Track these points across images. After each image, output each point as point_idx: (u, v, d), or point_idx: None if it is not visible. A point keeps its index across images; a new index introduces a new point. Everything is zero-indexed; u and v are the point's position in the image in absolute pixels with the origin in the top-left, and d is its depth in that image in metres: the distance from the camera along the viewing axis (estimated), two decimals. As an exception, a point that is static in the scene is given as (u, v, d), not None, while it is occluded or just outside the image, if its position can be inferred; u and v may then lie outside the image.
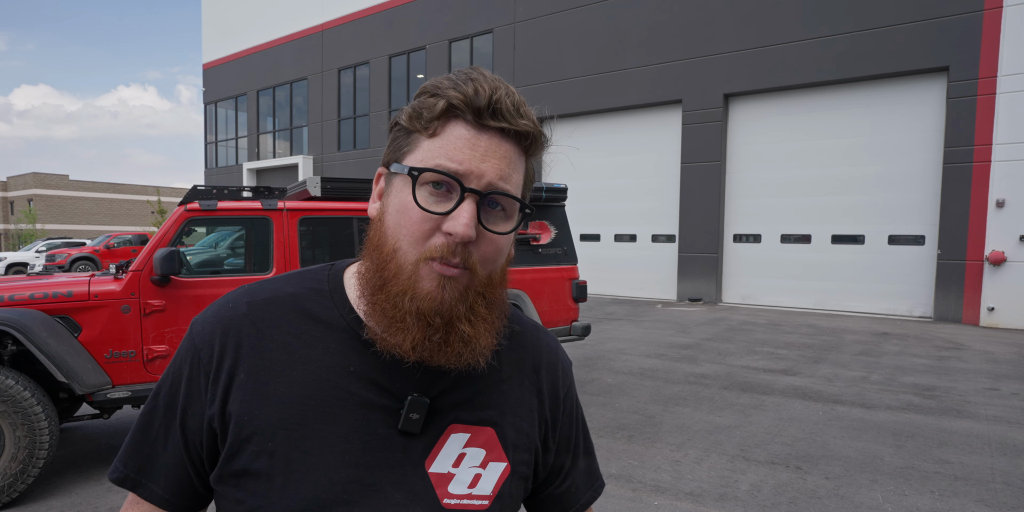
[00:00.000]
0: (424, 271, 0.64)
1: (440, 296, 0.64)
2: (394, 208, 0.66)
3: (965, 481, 3.51)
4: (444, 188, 0.64)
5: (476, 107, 0.64)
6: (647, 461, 3.82)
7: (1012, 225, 9.40)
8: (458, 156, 0.64)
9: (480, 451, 0.72)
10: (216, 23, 24.58)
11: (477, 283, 0.66)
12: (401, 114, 0.69)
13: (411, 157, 0.66)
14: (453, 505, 0.69)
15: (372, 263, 0.68)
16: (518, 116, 0.65)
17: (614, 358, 6.91)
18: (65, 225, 46.05)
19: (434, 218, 0.64)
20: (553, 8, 14.51)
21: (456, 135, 0.64)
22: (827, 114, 11.24)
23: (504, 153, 0.66)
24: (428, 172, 0.63)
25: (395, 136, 0.70)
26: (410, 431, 0.68)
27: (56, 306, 3.49)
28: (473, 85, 0.64)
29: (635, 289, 13.83)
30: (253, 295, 0.72)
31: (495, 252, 0.67)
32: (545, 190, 4.99)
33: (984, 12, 9.52)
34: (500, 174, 0.65)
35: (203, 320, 0.72)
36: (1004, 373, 6.21)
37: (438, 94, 0.65)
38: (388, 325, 0.65)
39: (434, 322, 0.64)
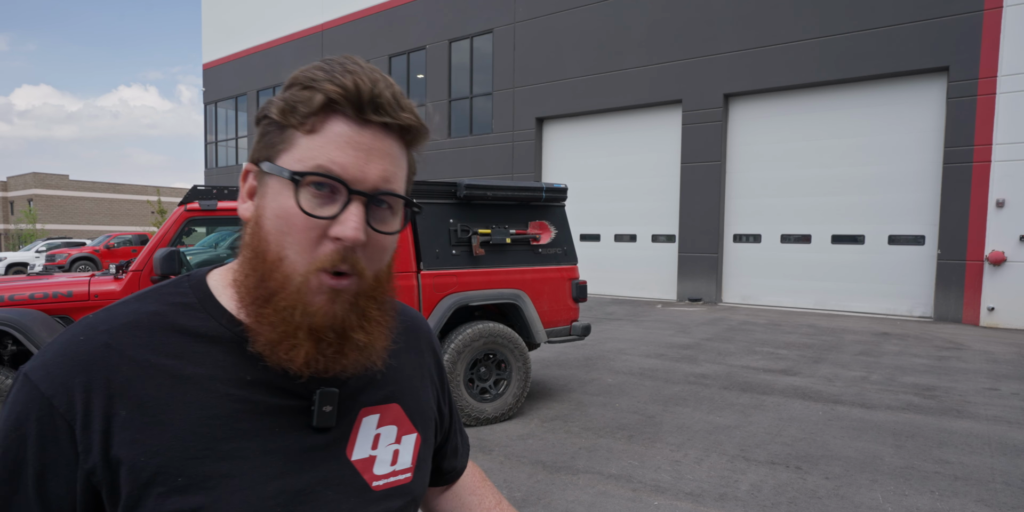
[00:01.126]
0: (314, 284, 0.60)
1: (332, 310, 0.61)
2: (274, 213, 0.61)
3: (965, 481, 3.51)
4: (327, 189, 0.60)
5: (357, 102, 0.60)
6: (647, 461, 3.82)
7: (1012, 225, 9.40)
8: (341, 157, 0.60)
9: (392, 427, 0.73)
10: (216, 23, 24.58)
11: (366, 287, 0.63)
12: (271, 107, 0.63)
13: (287, 156, 0.61)
14: (382, 486, 0.70)
15: (253, 270, 0.62)
16: (399, 109, 0.62)
17: (614, 358, 6.91)
18: (65, 225, 46.05)
19: (320, 224, 0.60)
20: (553, 8, 14.51)
21: (336, 133, 0.60)
22: (827, 114, 11.25)
23: (388, 150, 0.62)
24: (312, 176, 0.59)
25: (265, 130, 0.64)
26: (326, 425, 0.66)
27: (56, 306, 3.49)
28: (352, 78, 0.60)
29: (635, 289, 13.83)
30: (108, 322, 0.62)
31: (381, 252, 0.65)
32: (545, 190, 5.00)
33: (984, 12, 9.53)
34: (385, 173, 0.62)
35: (46, 363, 0.59)
36: (1004, 373, 6.21)
37: (313, 87, 0.60)
38: (278, 340, 0.61)
39: (327, 336, 0.61)
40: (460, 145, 16.54)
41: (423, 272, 4.44)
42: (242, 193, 0.66)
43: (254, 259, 0.62)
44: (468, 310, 4.81)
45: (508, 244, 4.85)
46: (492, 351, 4.59)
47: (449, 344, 4.40)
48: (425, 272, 4.44)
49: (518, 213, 4.96)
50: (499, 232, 4.80)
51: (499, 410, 4.58)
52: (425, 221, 4.53)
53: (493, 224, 4.82)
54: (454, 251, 4.60)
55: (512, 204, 4.93)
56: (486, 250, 4.74)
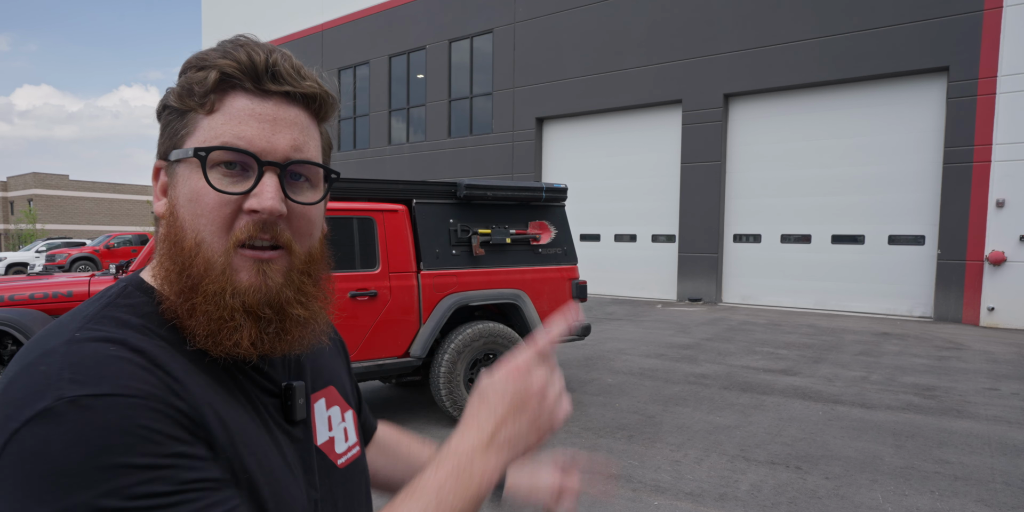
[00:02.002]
0: (237, 262, 0.58)
1: (263, 285, 0.59)
2: (186, 197, 0.59)
3: (965, 481, 3.51)
4: (238, 167, 0.58)
5: (253, 73, 0.58)
6: (647, 461, 3.82)
7: (1012, 225, 9.40)
8: (246, 130, 0.58)
9: (336, 408, 0.76)
10: (216, 23, 24.59)
11: (298, 262, 0.61)
12: (169, 95, 0.61)
13: (191, 140, 0.59)
14: (345, 462, 0.73)
15: (173, 263, 0.59)
16: (300, 78, 0.60)
17: (614, 358, 6.91)
18: (65, 225, 46.06)
19: (234, 199, 0.58)
20: (553, 8, 14.51)
21: (238, 107, 0.58)
22: (827, 114, 11.24)
23: (294, 119, 0.60)
24: (217, 150, 0.57)
25: (167, 121, 0.61)
26: (302, 418, 0.66)
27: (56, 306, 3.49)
28: (245, 50, 0.59)
29: (635, 289, 13.83)
30: (112, 333, 0.54)
31: (308, 225, 0.63)
32: (545, 190, 5.00)
33: (984, 12, 9.52)
34: (295, 143, 0.60)
35: (100, 375, 0.49)
36: (1004, 373, 6.21)
37: (206, 66, 0.58)
38: (217, 328, 0.57)
39: (264, 313, 0.59)
40: (460, 145, 16.54)
41: (423, 272, 4.44)
42: (155, 192, 0.64)
43: (172, 250, 0.59)
44: (468, 310, 4.81)
45: (508, 244, 4.84)
46: (492, 351, 4.59)
47: (449, 344, 4.40)
48: (425, 272, 4.44)
49: (518, 213, 4.96)
50: (499, 232, 4.79)
51: (499, 410, 4.57)
52: (425, 221, 4.53)
53: (493, 224, 4.82)
54: (454, 251, 4.60)
55: (512, 204, 4.93)
56: (486, 250, 4.74)
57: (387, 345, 4.30)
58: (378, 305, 4.23)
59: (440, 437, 4.27)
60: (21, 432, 0.46)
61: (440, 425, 4.53)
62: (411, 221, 4.51)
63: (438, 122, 17.06)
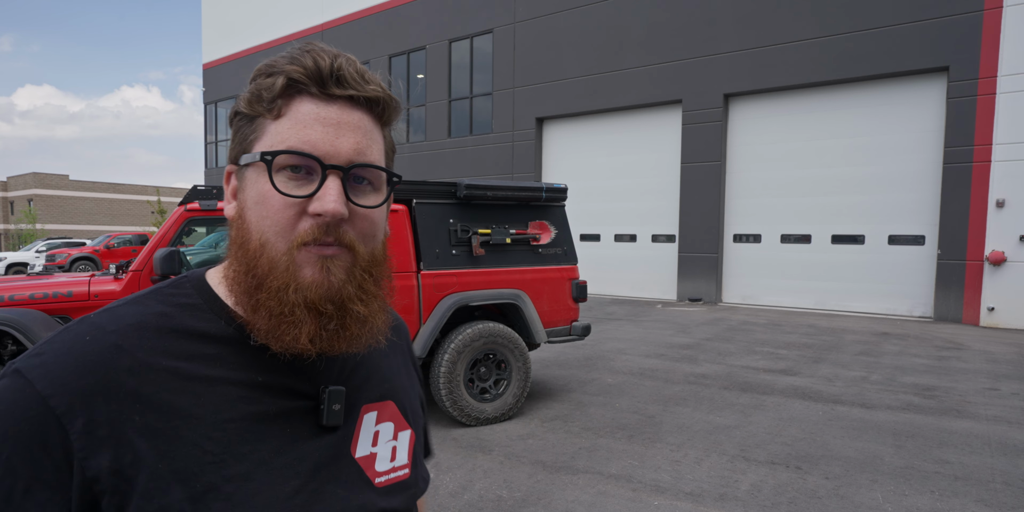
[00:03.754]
0: (301, 258, 0.60)
1: (326, 281, 0.60)
2: (253, 200, 0.61)
3: (965, 481, 3.51)
4: (303, 171, 0.60)
5: (319, 77, 0.60)
6: (647, 461, 3.82)
7: (1012, 225, 9.40)
8: (310, 134, 0.59)
9: (389, 424, 0.74)
10: (216, 23, 24.59)
11: (361, 261, 0.63)
12: (239, 101, 0.63)
13: (259, 144, 0.61)
14: (384, 482, 0.70)
15: (240, 264, 0.61)
16: (364, 82, 0.62)
17: (614, 358, 6.91)
18: (65, 225, 46.05)
19: (298, 202, 0.59)
20: (553, 8, 14.51)
21: (304, 112, 0.60)
22: (827, 114, 11.24)
23: (357, 123, 0.62)
24: (283, 154, 0.59)
25: (238, 127, 0.64)
26: (335, 424, 0.66)
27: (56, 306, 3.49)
28: (311, 56, 0.60)
29: (635, 289, 13.83)
30: (115, 322, 0.60)
31: (371, 226, 0.64)
32: (545, 190, 5.00)
33: (984, 12, 9.52)
34: (359, 146, 0.61)
35: (46, 363, 0.56)
36: (1004, 373, 6.21)
37: (274, 72, 0.60)
38: (277, 323, 0.60)
39: (326, 309, 0.60)
40: (460, 145, 16.54)
41: (423, 272, 4.44)
42: (227, 194, 0.66)
43: (239, 251, 0.62)
44: (468, 310, 4.81)
45: (508, 244, 4.84)
46: (492, 351, 4.59)
47: (449, 344, 4.40)
48: (425, 272, 4.44)
49: (518, 213, 4.96)
50: (499, 232, 4.79)
51: (499, 410, 4.58)
52: (425, 221, 4.53)
53: (493, 224, 4.82)
54: (454, 251, 4.60)
55: (512, 204, 4.93)
56: (486, 250, 4.74)
57: (387, 345, 4.28)
58: (378, 305, 4.22)
59: (440, 437, 4.27)
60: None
61: (440, 425, 4.53)
62: (411, 221, 4.51)
63: (438, 122, 17.06)
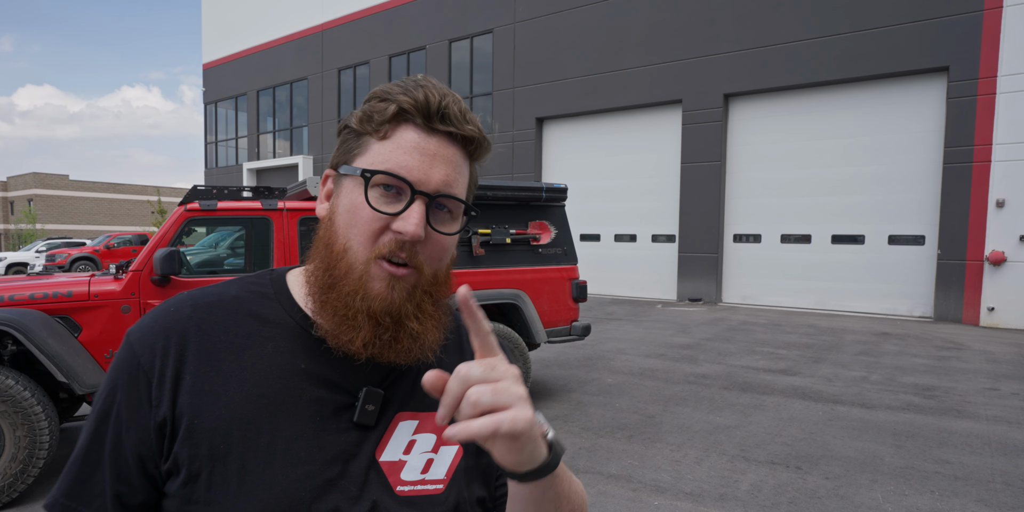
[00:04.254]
0: (374, 271, 0.66)
1: (390, 296, 0.66)
2: (345, 208, 0.68)
3: (965, 481, 3.51)
4: (394, 190, 0.67)
5: (426, 111, 0.67)
6: (647, 461, 3.82)
7: (1012, 225, 9.40)
8: (408, 160, 0.66)
9: (431, 436, 0.73)
10: (216, 23, 24.58)
11: (424, 282, 0.68)
12: (351, 118, 0.70)
13: (361, 159, 0.68)
14: (407, 492, 0.69)
15: (322, 262, 0.69)
16: (464, 121, 0.68)
17: (614, 358, 6.91)
18: (65, 225, 46.04)
19: (384, 218, 0.66)
20: (553, 8, 14.51)
21: (406, 138, 0.67)
22: (827, 114, 11.24)
23: (451, 157, 0.68)
24: (380, 174, 0.66)
25: (344, 138, 0.71)
26: (366, 423, 0.69)
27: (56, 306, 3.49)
28: (423, 91, 0.67)
29: (635, 289, 13.83)
30: (196, 299, 0.72)
31: (441, 251, 0.70)
32: (545, 190, 4.99)
33: (984, 12, 9.52)
34: (447, 178, 0.67)
35: (142, 326, 0.70)
36: (1004, 373, 6.21)
37: (388, 99, 0.67)
38: (339, 323, 0.67)
39: (384, 321, 0.66)
40: (460, 145, 16.52)
41: (423, 272, 4.43)
42: (320, 195, 0.74)
43: (324, 251, 0.69)
44: (468, 310, 4.80)
45: (508, 244, 4.84)
46: (492, 351, 4.58)
47: (449, 344, 4.39)
48: (425, 272, 4.43)
49: (518, 213, 4.96)
50: (499, 232, 4.79)
51: (499, 410, 4.57)
52: (425, 221, 4.52)
53: (493, 224, 4.82)
54: (454, 251, 4.59)
55: (512, 204, 4.93)
56: (486, 250, 4.74)
57: (387, 345, 4.29)
58: (378, 305, 4.22)
59: (440, 437, 4.26)
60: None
61: (440, 425, 4.53)
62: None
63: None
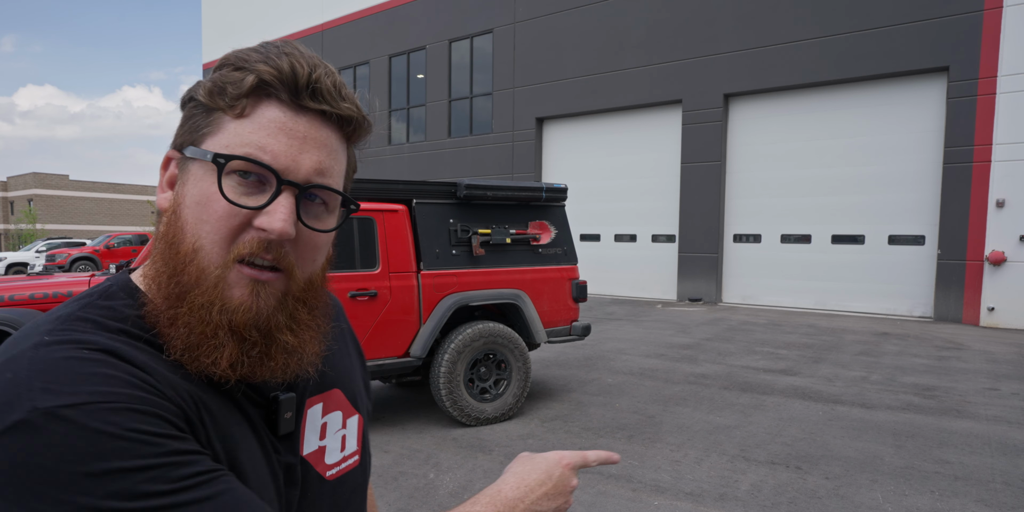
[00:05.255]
0: (232, 276, 0.55)
1: (255, 305, 0.56)
2: (193, 199, 0.56)
3: (965, 481, 3.51)
4: (255, 178, 0.55)
5: (293, 86, 0.56)
6: (647, 461, 3.82)
7: (1012, 225, 9.40)
8: (273, 144, 0.55)
9: (337, 413, 0.72)
10: (216, 23, 24.58)
11: (295, 288, 0.59)
12: (199, 89, 0.58)
13: (213, 140, 0.56)
14: (335, 474, 0.69)
15: (166, 265, 0.56)
16: (340, 98, 0.59)
17: (614, 358, 6.91)
18: (65, 225, 46.05)
19: (244, 212, 0.55)
20: (553, 8, 14.51)
21: (269, 118, 0.56)
22: (827, 114, 11.24)
23: (324, 140, 0.58)
24: (237, 160, 0.54)
25: (190, 114, 0.58)
26: (287, 432, 0.64)
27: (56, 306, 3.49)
28: (288, 60, 0.56)
29: (635, 289, 13.83)
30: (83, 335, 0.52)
31: (314, 251, 0.60)
32: (545, 190, 5.00)
33: (984, 12, 9.52)
34: (320, 165, 0.57)
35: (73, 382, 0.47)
36: (1004, 373, 6.21)
37: (245, 67, 0.56)
38: (197, 342, 0.55)
39: (251, 335, 0.56)
40: (460, 145, 16.53)
41: (423, 272, 4.44)
42: (161, 182, 0.61)
43: (167, 251, 0.56)
44: (468, 310, 4.81)
45: (508, 244, 4.85)
46: (492, 351, 4.59)
47: (449, 344, 4.40)
48: (425, 272, 4.44)
49: (518, 213, 4.96)
50: (499, 232, 4.80)
51: (499, 410, 4.58)
52: (425, 221, 4.53)
53: (493, 224, 4.82)
54: (454, 251, 4.60)
55: (512, 204, 4.93)
56: (486, 250, 4.74)
57: (387, 345, 4.30)
58: (378, 305, 4.23)
59: (440, 437, 4.27)
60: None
61: (440, 425, 4.53)
62: (411, 221, 4.52)
63: (438, 122, 17.06)
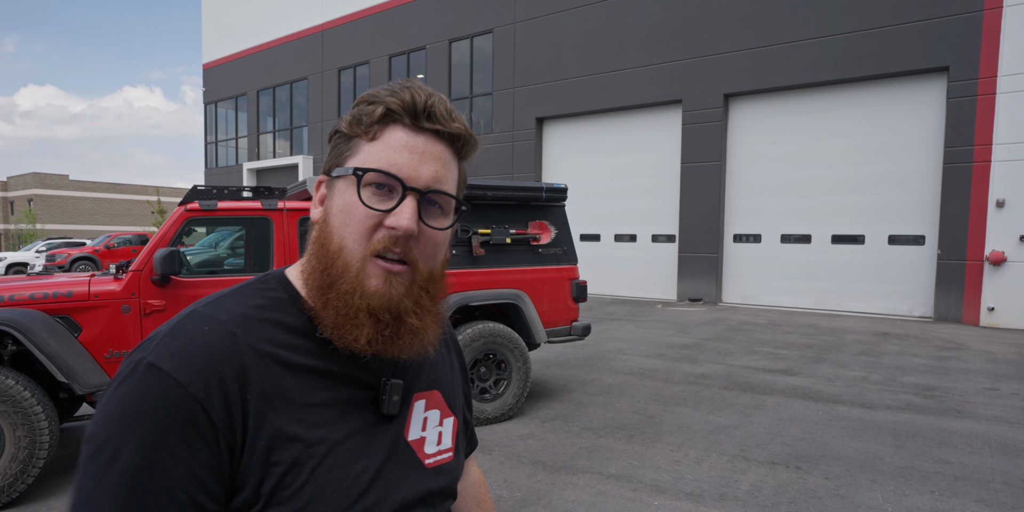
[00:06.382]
0: (370, 269, 0.68)
1: (388, 292, 0.68)
2: (338, 208, 0.70)
3: (965, 481, 3.51)
4: (386, 189, 0.68)
5: (412, 111, 0.69)
6: (647, 461, 3.82)
7: (1012, 225, 9.40)
8: (398, 158, 0.68)
9: (436, 411, 0.82)
10: (216, 23, 24.58)
11: (420, 278, 0.71)
12: (341, 122, 0.72)
13: (352, 160, 0.70)
14: (432, 463, 0.79)
15: (318, 262, 0.70)
16: (451, 120, 0.71)
17: (614, 358, 6.90)
18: (65, 225, 46.03)
19: (377, 215, 0.68)
20: (553, 8, 14.51)
21: (395, 138, 0.69)
22: (827, 114, 11.24)
23: (439, 154, 0.71)
24: (371, 172, 0.68)
25: (335, 143, 0.73)
26: (393, 413, 0.74)
27: (56, 306, 3.49)
28: (409, 92, 0.69)
29: (635, 289, 13.83)
30: (227, 313, 0.68)
31: (434, 247, 0.72)
32: (545, 190, 4.99)
33: (984, 12, 9.52)
34: (436, 174, 0.70)
35: (176, 353, 0.63)
36: (1004, 373, 6.21)
37: (376, 102, 0.69)
38: (342, 322, 0.68)
39: (384, 317, 0.68)
40: (460, 145, 16.52)
41: (423, 272, 4.43)
42: (314, 200, 0.75)
43: (319, 251, 0.70)
44: (468, 310, 4.81)
45: (508, 244, 4.84)
46: (492, 351, 4.59)
47: (449, 344, 4.39)
48: (425, 272, 4.43)
49: (518, 213, 4.96)
50: (499, 232, 4.79)
51: (499, 410, 4.58)
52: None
53: (493, 224, 4.82)
54: (454, 251, 4.60)
55: (512, 204, 4.93)
56: (486, 250, 4.74)
57: (387, 345, 4.28)
58: (378, 305, 4.22)
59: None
60: (120, 369, 0.64)
61: (440, 425, 4.53)
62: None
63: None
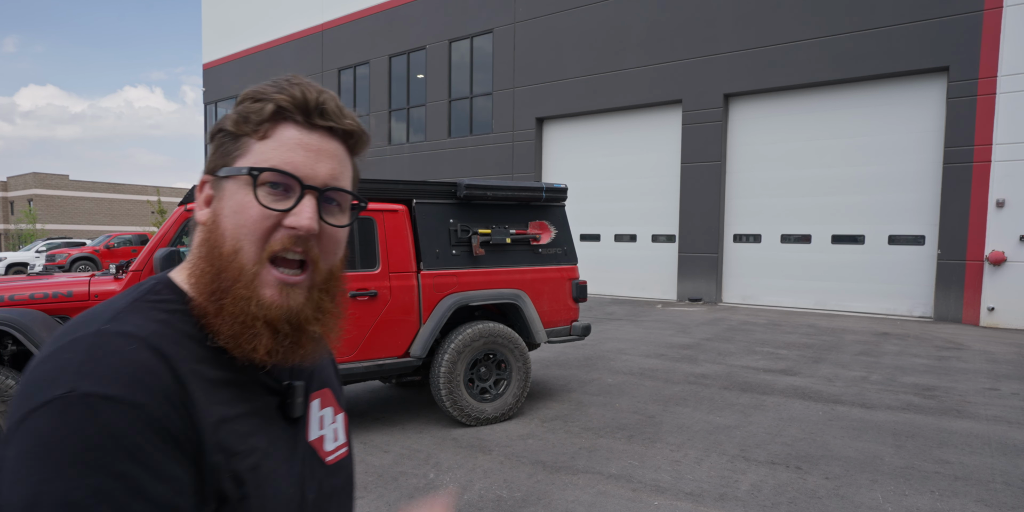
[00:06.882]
0: (265, 276, 0.65)
1: (285, 303, 0.66)
2: (231, 209, 0.66)
3: (965, 481, 3.51)
4: (281, 188, 0.66)
5: (304, 108, 0.67)
6: (647, 461, 3.82)
7: (1012, 225, 9.40)
8: (293, 157, 0.66)
9: (330, 409, 0.82)
10: (216, 23, 24.58)
11: (319, 279, 0.69)
12: (225, 120, 0.69)
13: (243, 160, 0.67)
14: (333, 460, 0.79)
15: (209, 265, 0.66)
16: (343, 116, 0.69)
17: (614, 358, 6.91)
18: (65, 225, 46.04)
19: (275, 215, 0.65)
20: (553, 8, 14.51)
21: (288, 136, 0.67)
22: (827, 114, 11.24)
23: (333, 151, 0.69)
24: (268, 172, 0.65)
25: (220, 142, 0.69)
26: (299, 415, 0.73)
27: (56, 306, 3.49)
28: (300, 89, 0.67)
29: (635, 289, 13.83)
30: (140, 329, 0.60)
31: (335, 245, 0.71)
32: (545, 190, 5.00)
33: (984, 12, 9.52)
34: (333, 172, 0.69)
35: (117, 376, 0.55)
36: (1004, 373, 6.21)
37: (263, 99, 0.67)
38: (239, 330, 0.64)
39: (283, 328, 0.66)
40: (460, 145, 16.53)
41: (423, 272, 4.44)
42: (198, 201, 0.70)
43: (210, 253, 0.66)
44: (468, 310, 4.81)
45: (508, 244, 4.84)
46: (492, 351, 4.59)
47: (449, 344, 4.40)
48: (425, 272, 4.44)
49: (518, 213, 4.96)
50: (499, 232, 4.80)
51: (499, 410, 4.58)
52: (425, 221, 4.53)
53: (493, 224, 4.82)
54: (454, 251, 4.60)
55: (512, 204, 4.93)
56: (486, 250, 4.74)
57: (387, 345, 4.30)
58: (378, 305, 4.23)
59: (440, 437, 4.27)
60: (36, 413, 0.53)
61: (440, 425, 4.53)
62: (411, 221, 4.52)
63: (438, 122, 17.06)
